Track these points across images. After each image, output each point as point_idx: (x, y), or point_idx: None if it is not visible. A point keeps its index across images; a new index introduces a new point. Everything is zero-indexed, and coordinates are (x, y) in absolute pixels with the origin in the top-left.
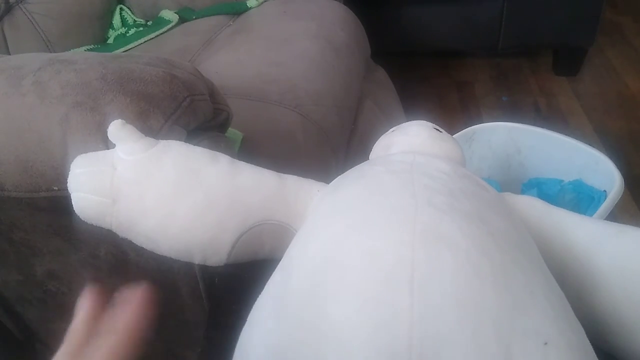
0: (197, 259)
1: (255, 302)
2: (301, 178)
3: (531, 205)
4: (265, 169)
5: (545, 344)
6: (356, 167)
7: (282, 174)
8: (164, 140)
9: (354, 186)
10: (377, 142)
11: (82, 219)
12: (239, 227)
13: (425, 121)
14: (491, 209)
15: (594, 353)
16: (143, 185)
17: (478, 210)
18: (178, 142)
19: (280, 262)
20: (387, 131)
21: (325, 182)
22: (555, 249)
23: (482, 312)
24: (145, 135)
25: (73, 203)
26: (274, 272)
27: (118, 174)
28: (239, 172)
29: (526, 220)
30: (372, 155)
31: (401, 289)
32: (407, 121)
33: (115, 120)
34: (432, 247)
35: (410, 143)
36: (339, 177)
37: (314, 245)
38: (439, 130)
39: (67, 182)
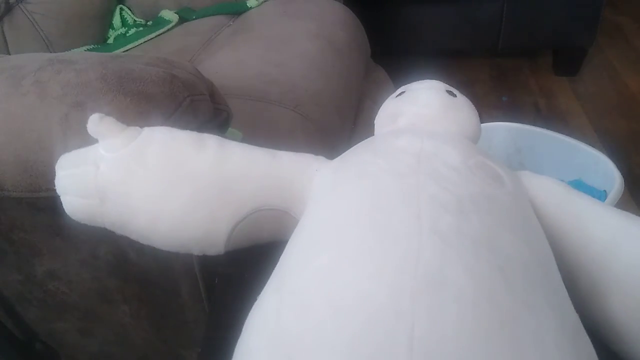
0: (195, 251)
1: (255, 303)
2: (297, 155)
3: (551, 191)
4: (258, 149)
5: None
6: (359, 149)
7: (276, 153)
8: (147, 129)
9: (353, 192)
10: (383, 107)
11: (76, 221)
12: (232, 217)
13: (437, 82)
14: (504, 223)
15: None
16: (127, 185)
17: (489, 231)
18: (162, 128)
19: (275, 273)
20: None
21: (325, 159)
22: (570, 242)
23: None
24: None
25: (63, 206)
26: (269, 282)
27: (101, 173)
28: (228, 158)
29: (542, 209)
30: (376, 122)
31: (400, 346)
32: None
33: (92, 115)
34: (435, 297)
35: (419, 115)
36: (341, 162)
37: (306, 272)
38: (452, 94)
39: None
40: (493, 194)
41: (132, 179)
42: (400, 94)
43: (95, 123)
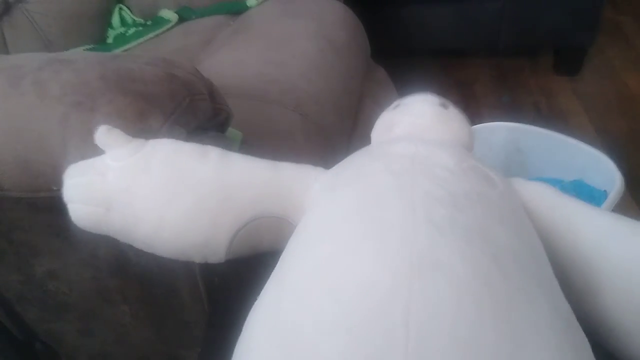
0: (196, 259)
1: (252, 310)
2: (297, 165)
3: (542, 194)
4: (259, 160)
5: None
6: (357, 156)
7: (277, 163)
8: (153, 141)
9: (351, 190)
10: (379, 119)
11: (81, 228)
12: (233, 225)
13: (430, 96)
14: (496, 217)
15: None
16: (132, 193)
17: (482, 223)
18: (167, 140)
19: (275, 272)
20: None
21: (324, 169)
22: (563, 244)
23: (479, 349)
24: (145, 135)
25: (69, 213)
26: (269, 280)
27: (108, 182)
28: (229, 168)
29: (534, 212)
30: (373, 133)
31: (396, 323)
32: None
33: (100, 126)
34: (429, 278)
35: (413, 124)
36: (339, 166)
37: (307, 264)
38: (445, 106)
39: None
40: (485, 192)
41: (138, 186)
42: (395, 107)
43: (104, 134)
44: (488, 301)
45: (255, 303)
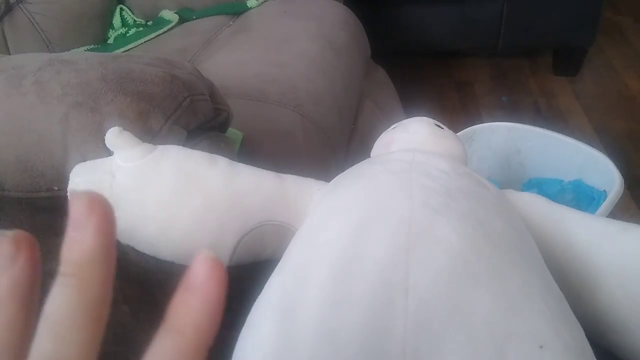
0: None
1: (254, 304)
2: (300, 177)
3: (533, 203)
4: (264, 170)
5: (541, 346)
6: (356, 165)
7: (281, 174)
8: (162, 146)
9: (352, 186)
10: (378, 139)
11: None
12: (239, 230)
13: (426, 117)
14: (490, 209)
15: (593, 354)
16: (142, 192)
17: (476, 211)
18: (176, 146)
19: (278, 265)
20: (387, 128)
21: (325, 182)
22: (556, 247)
23: (476, 315)
24: (145, 135)
25: None
26: (272, 274)
27: (117, 181)
28: (237, 174)
29: (527, 218)
30: (373, 152)
31: (396, 292)
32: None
33: (112, 128)
34: (426, 250)
35: (410, 140)
36: (339, 175)
37: (310, 249)
38: (440, 126)
39: (67, 182)
40: (479, 191)
41: (148, 186)
42: (393, 128)
43: (115, 135)
44: (482, 271)
45: (260, 294)
